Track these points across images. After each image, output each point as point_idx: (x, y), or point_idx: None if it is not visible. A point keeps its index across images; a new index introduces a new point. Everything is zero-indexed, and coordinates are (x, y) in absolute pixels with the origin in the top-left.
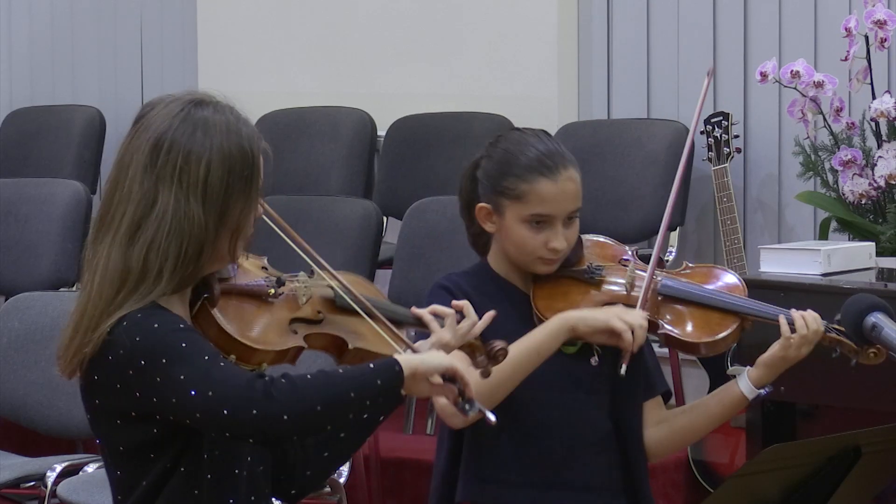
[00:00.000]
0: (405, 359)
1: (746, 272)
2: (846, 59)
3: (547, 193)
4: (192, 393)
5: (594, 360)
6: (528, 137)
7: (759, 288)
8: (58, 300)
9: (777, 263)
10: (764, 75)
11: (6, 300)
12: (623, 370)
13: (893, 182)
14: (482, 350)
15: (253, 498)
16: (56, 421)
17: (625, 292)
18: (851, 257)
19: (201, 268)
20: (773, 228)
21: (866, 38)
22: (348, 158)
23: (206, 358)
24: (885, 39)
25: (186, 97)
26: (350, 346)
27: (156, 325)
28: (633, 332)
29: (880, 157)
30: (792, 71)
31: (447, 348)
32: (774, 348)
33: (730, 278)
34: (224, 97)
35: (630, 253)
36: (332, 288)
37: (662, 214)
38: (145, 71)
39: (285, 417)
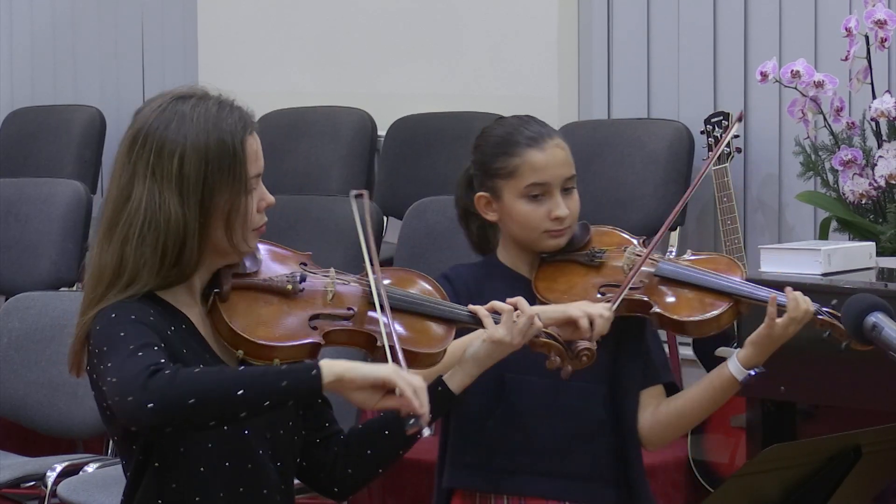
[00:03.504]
0: (329, 364)
1: (747, 272)
2: (846, 59)
3: (537, 162)
4: (108, 379)
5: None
6: (511, 121)
7: None
8: (58, 300)
9: (777, 263)
10: (764, 75)
11: (6, 300)
12: (567, 372)
13: (894, 182)
14: (558, 349)
15: (222, 494)
16: (56, 421)
17: (623, 275)
18: (851, 257)
19: (192, 260)
20: (773, 228)
21: (866, 37)
22: (348, 158)
23: (131, 347)
24: (886, 39)
25: (174, 92)
26: (379, 343)
27: (112, 315)
28: (591, 322)
29: (880, 156)
30: (792, 71)
31: (503, 346)
32: (760, 327)
33: (730, 264)
34: (217, 90)
35: (636, 242)
36: (367, 284)
37: (663, 214)
38: (146, 71)
39: (150, 405)
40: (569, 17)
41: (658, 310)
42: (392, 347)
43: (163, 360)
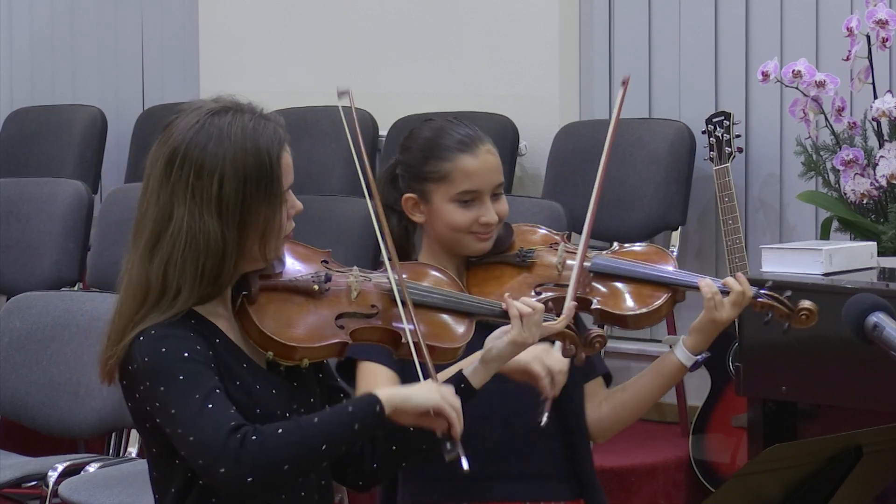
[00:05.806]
0: (388, 396)
1: (748, 272)
2: (848, 59)
3: (470, 168)
4: (180, 431)
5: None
6: (441, 123)
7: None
8: (59, 300)
9: (778, 263)
10: (765, 75)
11: (7, 300)
12: (544, 420)
13: (895, 182)
14: (574, 338)
15: None
16: (57, 420)
17: (556, 273)
18: (853, 257)
19: (228, 277)
20: (774, 228)
21: (868, 37)
22: (349, 158)
23: (197, 397)
24: (887, 39)
25: (208, 105)
26: (404, 340)
27: (163, 350)
28: (552, 378)
29: (882, 156)
30: (793, 70)
31: (526, 345)
32: (702, 313)
33: (659, 253)
34: (248, 100)
35: (559, 237)
36: (388, 280)
37: (664, 214)
38: (146, 70)
39: (249, 479)
40: (570, 16)
41: (599, 305)
42: (417, 344)
43: (235, 413)
